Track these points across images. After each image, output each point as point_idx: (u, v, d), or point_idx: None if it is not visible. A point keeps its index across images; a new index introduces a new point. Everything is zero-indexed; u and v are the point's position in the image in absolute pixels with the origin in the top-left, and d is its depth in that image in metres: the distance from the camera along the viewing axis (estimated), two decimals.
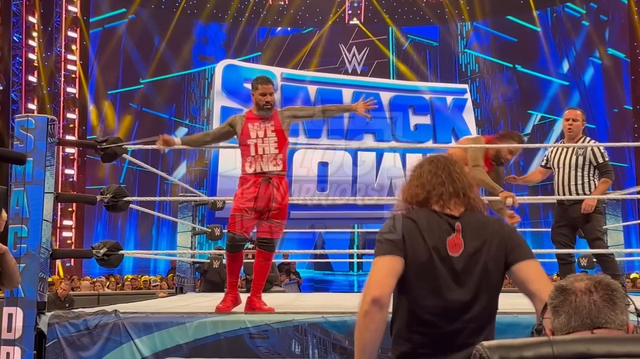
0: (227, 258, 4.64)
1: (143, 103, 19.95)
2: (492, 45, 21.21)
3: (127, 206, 4.86)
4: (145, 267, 18.07)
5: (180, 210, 7.54)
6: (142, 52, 20.05)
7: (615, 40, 19.34)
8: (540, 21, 20.51)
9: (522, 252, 2.08)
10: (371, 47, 21.47)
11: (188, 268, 7.42)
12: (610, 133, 18.77)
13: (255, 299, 4.48)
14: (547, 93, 20.41)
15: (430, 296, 2.03)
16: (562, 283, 1.57)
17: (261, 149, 4.50)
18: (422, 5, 21.22)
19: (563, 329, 1.50)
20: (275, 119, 4.59)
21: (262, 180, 4.47)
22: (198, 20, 20.97)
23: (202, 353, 3.91)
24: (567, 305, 1.51)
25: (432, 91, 20.14)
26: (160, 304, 5.48)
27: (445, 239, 2.04)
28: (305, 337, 4.00)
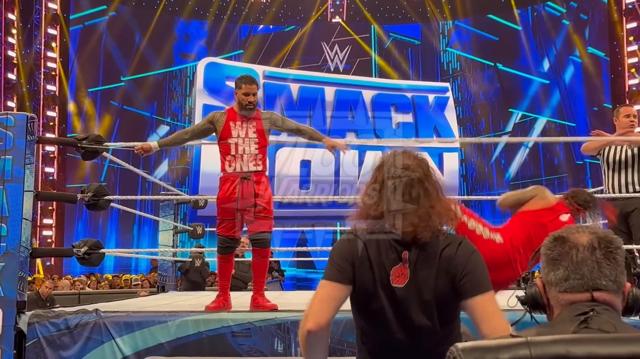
0: (218, 259, 4.64)
1: (124, 101, 19.82)
2: (473, 43, 21.32)
3: (108, 205, 4.83)
4: (127, 266, 17.97)
5: (162, 209, 7.51)
6: (123, 50, 19.91)
7: (595, 39, 19.52)
8: (521, 20, 20.65)
9: (473, 286, 1.87)
10: (353, 45, 21.50)
11: (170, 267, 7.39)
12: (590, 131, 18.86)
13: (259, 298, 4.47)
14: (528, 91, 20.56)
15: (372, 330, 1.97)
16: (562, 233, 1.49)
17: (241, 149, 4.49)
18: (404, 4, 21.27)
19: (559, 284, 1.44)
20: (258, 120, 4.57)
21: (242, 179, 4.47)
22: (179, 17, 20.86)
23: (184, 351, 3.90)
24: (566, 259, 1.44)
25: (414, 89, 20.20)
26: (141, 303, 5.45)
27: (391, 268, 1.90)
28: (288, 335, 4.00)
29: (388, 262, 1.91)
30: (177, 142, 4.93)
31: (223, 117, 4.55)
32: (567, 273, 1.43)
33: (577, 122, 19.55)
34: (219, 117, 4.57)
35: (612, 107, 18.62)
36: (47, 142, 15.89)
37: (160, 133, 20.17)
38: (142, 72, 20.03)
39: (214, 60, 19.59)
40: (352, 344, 3.98)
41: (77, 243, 4.52)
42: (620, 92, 18.38)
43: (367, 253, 1.93)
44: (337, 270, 1.94)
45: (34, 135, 4.23)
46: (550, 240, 1.50)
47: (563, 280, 1.43)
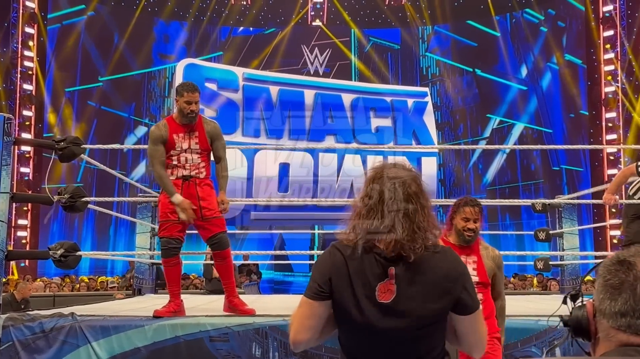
0: (164, 264, 4.50)
1: (102, 101, 19.66)
2: (452, 49, 21.47)
3: (85, 207, 4.78)
4: (102, 268, 17.80)
5: (139, 211, 7.45)
6: (101, 50, 19.75)
7: (572, 47, 19.75)
8: (499, 26, 20.83)
9: (468, 303, 1.88)
10: (333, 48, 21.54)
11: (147, 270, 7.33)
12: (567, 137, 19.15)
13: (235, 300, 4.43)
14: (506, 97, 20.75)
15: (354, 343, 1.95)
16: (629, 257, 1.28)
17: (184, 159, 4.48)
18: (384, 9, 21.36)
19: (614, 318, 1.25)
20: (200, 129, 4.52)
21: (184, 180, 4.47)
22: (159, 18, 20.74)
23: (161, 356, 3.87)
24: (628, 290, 1.24)
25: (393, 93, 20.27)
26: (118, 306, 5.40)
27: (377, 284, 1.86)
28: (265, 340, 3.99)
29: (373, 277, 1.86)
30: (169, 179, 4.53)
31: (166, 129, 4.47)
32: (627, 308, 1.23)
33: (554, 128, 19.76)
34: (163, 130, 4.46)
35: (588, 113, 18.86)
36: (24, 144, 15.72)
37: (139, 134, 20.02)
38: (120, 73, 19.87)
39: (193, 61, 19.50)
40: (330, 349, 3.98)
41: (54, 245, 4.47)
42: (596, 99, 18.61)
43: (348, 269, 1.89)
44: (315, 287, 1.92)
45: (11, 137, 4.18)
46: (613, 261, 1.30)
47: (620, 314, 1.24)
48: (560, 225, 7.70)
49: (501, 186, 20.10)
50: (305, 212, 17.45)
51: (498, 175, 20.35)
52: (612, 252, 2.51)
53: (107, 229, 19.03)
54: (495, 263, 3.69)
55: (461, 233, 3.60)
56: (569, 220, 7.64)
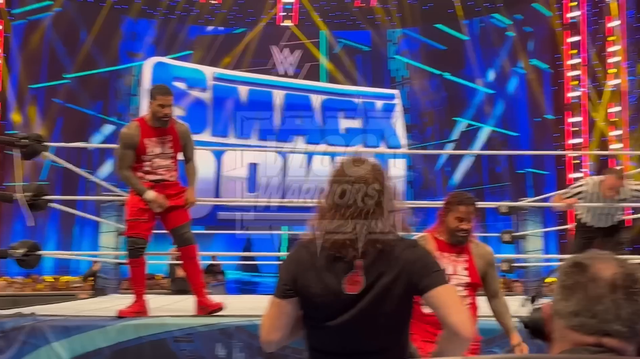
0: (129, 264, 4.43)
1: (68, 98, 19.37)
2: (421, 52, 21.61)
3: (46, 206, 4.71)
4: (66, 267, 17.52)
5: (104, 210, 7.37)
6: (68, 46, 19.46)
7: (538, 52, 20.04)
8: (467, 30, 21.04)
9: (433, 280, 1.88)
10: (303, 49, 21.53)
11: (111, 270, 7.25)
12: (532, 141, 19.42)
13: (203, 299, 4.38)
14: (473, 101, 20.96)
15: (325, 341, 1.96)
16: (584, 260, 1.30)
17: (157, 164, 4.43)
18: (354, 10, 21.42)
19: (568, 318, 1.27)
20: (173, 132, 4.46)
21: (155, 184, 4.43)
22: (127, 15, 20.51)
23: (124, 356, 3.83)
24: (581, 291, 1.26)
25: (363, 95, 20.34)
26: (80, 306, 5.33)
27: (343, 276, 1.89)
28: (231, 340, 3.97)
29: (340, 270, 1.90)
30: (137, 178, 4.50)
31: (137, 132, 4.38)
32: (579, 308, 1.25)
33: (519, 132, 20.03)
34: (134, 134, 4.38)
35: (553, 118, 19.14)
36: None
37: (105, 133, 19.78)
38: (87, 70, 19.59)
39: (162, 60, 19.32)
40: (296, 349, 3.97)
41: (15, 244, 4.40)
42: (561, 103, 18.90)
43: (315, 263, 1.93)
44: (282, 286, 1.97)
45: None
46: (570, 264, 1.32)
47: (573, 314, 1.26)
48: (525, 227, 7.81)
49: (468, 188, 20.25)
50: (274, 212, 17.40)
51: (465, 177, 20.55)
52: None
53: (71, 228, 18.74)
54: (486, 261, 3.48)
55: (454, 233, 3.40)
56: (533, 223, 7.75)
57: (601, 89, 17.85)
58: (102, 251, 7.35)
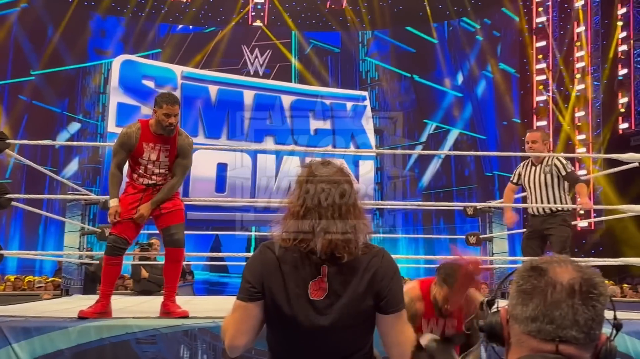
0: (106, 262, 4.34)
1: (33, 95, 19.07)
2: (391, 54, 21.73)
3: (9, 204, 4.63)
4: (30, 267, 17.23)
5: (69, 209, 7.26)
6: (34, 43, 19.16)
7: (506, 56, 20.28)
8: (437, 33, 21.21)
9: (393, 303, 1.92)
10: (274, 50, 21.50)
11: (75, 270, 7.15)
12: (500, 144, 19.65)
13: (170, 304, 4.31)
14: (442, 103, 21.14)
15: (285, 343, 1.96)
16: (542, 264, 1.29)
17: (151, 171, 4.38)
18: (325, 12, 21.45)
19: (525, 324, 1.26)
20: (173, 143, 4.39)
21: (147, 188, 4.39)
22: (95, 12, 20.27)
23: (85, 358, 3.77)
24: (539, 296, 1.25)
25: (333, 96, 20.36)
26: (42, 306, 5.24)
27: (309, 282, 1.88)
28: (194, 342, 3.93)
29: (306, 275, 1.88)
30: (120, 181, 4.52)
31: (137, 135, 4.32)
32: (537, 314, 1.24)
33: (487, 135, 20.25)
34: (133, 136, 4.32)
35: (520, 122, 19.38)
36: None
37: (71, 131, 19.53)
38: (54, 67, 19.33)
39: (131, 57, 19.11)
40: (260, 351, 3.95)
41: None
42: (528, 107, 19.15)
43: (280, 267, 1.90)
44: (247, 289, 1.92)
45: None
46: (527, 268, 1.31)
47: (530, 319, 1.25)
48: (491, 229, 7.88)
49: (436, 190, 20.45)
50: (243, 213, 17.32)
51: (433, 179, 20.71)
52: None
53: (36, 228, 18.46)
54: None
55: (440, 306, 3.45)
56: (498, 225, 7.82)
57: (567, 94, 18.13)
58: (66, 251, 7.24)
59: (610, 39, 16.97)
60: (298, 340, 1.92)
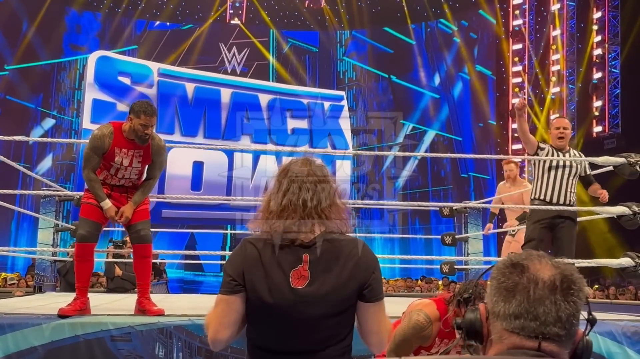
0: (77, 255, 4.22)
1: (7, 90, 18.82)
2: (369, 54, 21.80)
3: None
4: (2, 264, 17.01)
5: (42, 205, 7.18)
6: (9, 37, 18.90)
7: (483, 58, 20.45)
8: (415, 35, 21.31)
9: (375, 293, 1.96)
10: (251, 48, 21.45)
11: (48, 267, 7.07)
12: (475, 146, 19.80)
13: (145, 301, 4.25)
14: (419, 104, 21.25)
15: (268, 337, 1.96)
16: (521, 260, 1.29)
17: (121, 174, 4.32)
18: (304, 11, 21.45)
19: (508, 320, 1.26)
20: (147, 148, 4.31)
21: (114, 186, 4.36)
22: (71, 7, 20.05)
23: (59, 355, 3.73)
24: (522, 293, 1.25)
25: (310, 96, 20.36)
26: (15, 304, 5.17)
27: (290, 271, 1.91)
28: (170, 340, 3.91)
29: (287, 265, 1.91)
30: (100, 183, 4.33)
31: (110, 140, 4.20)
32: (521, 310, 1.24)
33: (463, 136, 20.39)
34: (107, 141, 4.20)
35: (496, 123, 19.55)
36: None
37: (45, 127, 19.31)
38: (28, 62, 19.09)
39: (107, 54, 18.91)
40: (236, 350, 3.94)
41: None
42: (504, 109, 19.33)
43: (261, 258, 1.93)
44: (228, 282, 1.95)
45: None
46: (506, 265, 1.31)
47: (513, 316, 1.25)
48: (466, 230, 7.95)
49: (412, 191, 20.56)
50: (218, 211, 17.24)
51: (409, 180, 20.81)
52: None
53: (8, 224, 18.21)
54: None
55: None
56: (474, 226, 7.90)
57: (543, 96, 18.32)
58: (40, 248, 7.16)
59: (586, 43, 17.17)
60: (280, 330, 1.93)
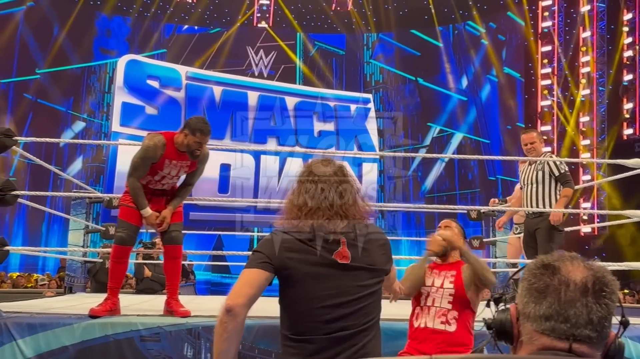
0: (115, 252, 4.30)
1: (38, 94, 19.13)
2: (396, 57, 21.74)
3: (15, 201, 4.63)
4: (33, 265, 17.28)
5: (73, 207, 7.28)
6: (40, 41, 19.21)
7: (511, 60, 20.27)
8: (442, 37, 21.21)
9: (390, 258, 2.29)
10: (278, 51, 21.52)
11: (79, 267, 7.16)
12: (504, 149, 19.63)
13: (173, 302, 4.29)
14: (446, 107, 21.13)
15: (311, 319, 2.05)
16: (553, 261, 1.28)
17: (165, 181, 4.41)
18: (331, 14, 21.47)
19: (539, 322, 1.25)
20: (194, 161, 4.42)
21: (155, 190, 4.41)
22: (101, 12, 20.32)
23: (89, 355, 3.78)
24: (553, 295, 1.24)
25: (337, 99, 20.38)
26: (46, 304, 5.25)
27: (332, 253, 2.07)
28: (198, 340, 3.94)
29: (326, 250, 2.07)
30: (142, 192, 4.38)
31: (162, 150, 4.24)
32: (551, 312, 1.23)
33: (491, 139, 20.23)
34: (159, 150, 4.23)
35: (524, 126, 19.37)
36: None
37: (76, 130, 19.57)
38: (59, 66, 19.38)
39: (136, 57, 19.15)
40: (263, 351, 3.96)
41: None
42: (532, 112, 19.14)
43: (300, 242, 2.07)
44: (259, 257, 2.06)
45: None
46: (538, 265, 1.30)
47: (544, 318, 1.24)
48: (494, 233, 7.89)
49: (439, 194, 20.45)
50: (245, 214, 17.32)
51: (436, 183, 20.70)
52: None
53: (39, 225, 18.50)
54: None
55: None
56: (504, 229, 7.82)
57: (572, 99, 18.11)
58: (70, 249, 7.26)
59: (616, 45, 16.95)
60: (321, 312, 2.04)
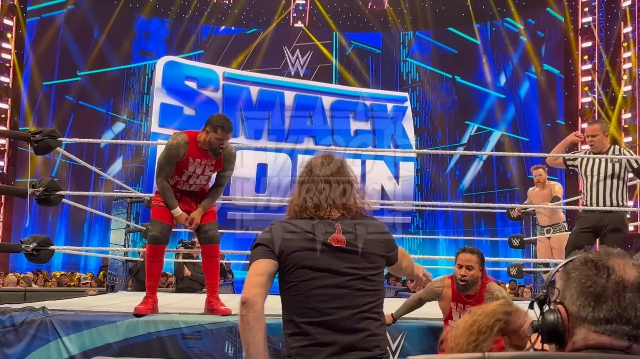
0: (149, 251, 4.33)
1: (79, 96, 19.48)
2: (433, 55, 21.59)
3: (59, 201, 4.71)
4: (75, 264, 17.61)
5: (114, 207, 7.38)
6: (81, 44, 19.57)
7: (551, 57, 19.97)
8: (480, 34, 20.99)
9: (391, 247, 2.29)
10: (315, 51, 21.56)
11: (120, 266, 7.27)
12: (543, 146, 19.34)
13: (213, 300, 4.32)
14: (484, 105, 20.91)
15: (320, 279, 2.11)
16: (605, 261, 1.24)
17: (192, 181, 4.40)
18: (367, 13, 21.43)
19: (597, 325, 1.21)
20: (219, 159, 4.39)
21: (184, 191, 4.45)
22: (140, 14, 20.61)
23: (133, 352, 3.83)
24: (613, 299, 1.20)
25: (373, 97, 20.34)
26: (90, 302, 5.34)
27: (328, 237, 2.14)
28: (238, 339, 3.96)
29: (323, 235, 2.14)
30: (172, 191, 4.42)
31: (185, 149, 4.27)
32: (612, 316, 1.20)
33: (530, 137, 19.96)
34: (182, 149, 4.26)
35: (564, 123, 19.06)
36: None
37: (116, 131, 19.88)
38: (99, 68, 19.72)
39: (174, 59, 19.39)
40: None
41: (26, 239, 4.41)
42: (573, 109, 18.83)
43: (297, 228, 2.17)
44: (260, 247, 2.15)
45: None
46: (589, 266, 1.25)
47: (605, 321, 1.20)
48: (535, 232, 7.77)
49: (477, 192, 20.25)
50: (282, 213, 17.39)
51: (474, 181, 20.50)
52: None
53: (81, 225, 18.84)
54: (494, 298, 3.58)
55: (456, 279, 3.83)
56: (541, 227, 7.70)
57: (614, 95, 17.77)
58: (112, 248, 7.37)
59: None
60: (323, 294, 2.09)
